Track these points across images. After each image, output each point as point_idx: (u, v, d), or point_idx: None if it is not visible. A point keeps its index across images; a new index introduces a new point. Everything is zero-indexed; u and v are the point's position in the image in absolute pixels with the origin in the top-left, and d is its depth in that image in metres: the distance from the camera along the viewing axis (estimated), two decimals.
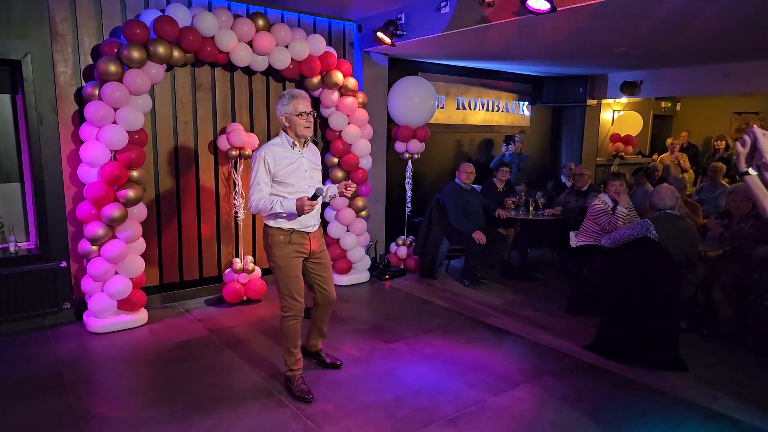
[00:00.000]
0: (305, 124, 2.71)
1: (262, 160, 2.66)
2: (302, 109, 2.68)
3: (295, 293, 2.76)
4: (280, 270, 2.75)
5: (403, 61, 5.61)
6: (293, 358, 2.86)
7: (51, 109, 3.66)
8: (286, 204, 2.64)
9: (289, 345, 2.84)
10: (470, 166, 5.12)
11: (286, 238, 2.73)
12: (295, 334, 2.82)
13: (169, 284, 4.34)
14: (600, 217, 4.11)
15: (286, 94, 2.71)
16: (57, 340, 3.54)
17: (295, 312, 2.78)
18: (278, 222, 2.74)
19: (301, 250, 2.79)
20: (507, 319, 4.08)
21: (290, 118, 2.69)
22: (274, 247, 2.73)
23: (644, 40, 4.44)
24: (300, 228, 2.76)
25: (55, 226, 3.78)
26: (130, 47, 3.48)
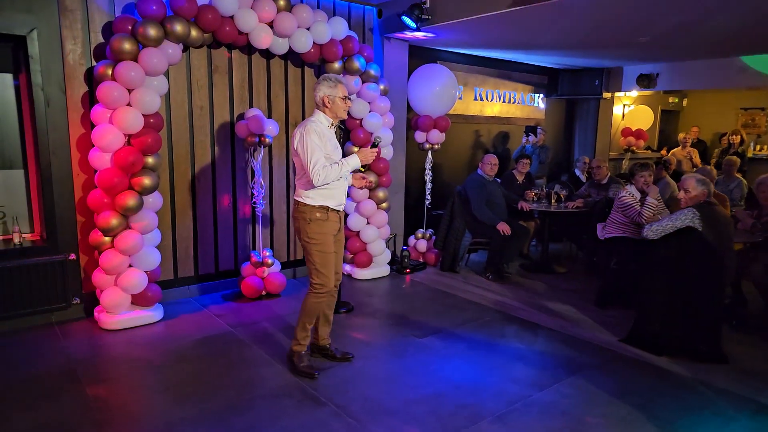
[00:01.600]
0: (346, 108, 2.82)
1: (313, 133, 2.69)
2: (347, 93, 2.80)
3: (329, 270, 2.81)
4: (318, 246, 2.77)
5: (422, 48, 5.44)
6: (305, 333, 2.88)
7: (59, 89, 3.42)
8: (350, 162, 2.73)
9: (307, 321, 2.86)
10: (494, 157, 4.96)
11: (323, 215, 2.76)
12: (318, 312, 2.87)
13: (183, 278, 4.11)
14: (629, 209, 3.97)
15: (332, 78, 2.79)
16: (67, 337, 3.30)
17: (327, 289, 2.82)
18: (315, 199, 2.76)
19: (335, 228, 2.83)
20: (537, 312, 3.93)
21: (334, 100, 2.76)
22: (312, 224, 2.76)
23: (671, 30, 4.32)
24: (334, 206, 2.80)
25: (63, 216, 3.55)
26: (146, 24, 3.26)
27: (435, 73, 4.98)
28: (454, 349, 3.21)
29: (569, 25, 4.16)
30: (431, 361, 3.03)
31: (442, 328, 3.52)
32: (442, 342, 3.30)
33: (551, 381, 2.83)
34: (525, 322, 3.72)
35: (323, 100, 2.76)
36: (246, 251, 4.37)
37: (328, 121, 2.81)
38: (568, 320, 3.76)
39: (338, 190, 2.81)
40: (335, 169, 2.68)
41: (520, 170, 5.51)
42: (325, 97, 2.75)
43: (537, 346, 3.30)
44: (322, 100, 2.76)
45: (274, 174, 4.46)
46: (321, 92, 2.76)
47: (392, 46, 4.96)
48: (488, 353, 3.16)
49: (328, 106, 2.77)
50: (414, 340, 3.32)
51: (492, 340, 3.35)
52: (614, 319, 3.78)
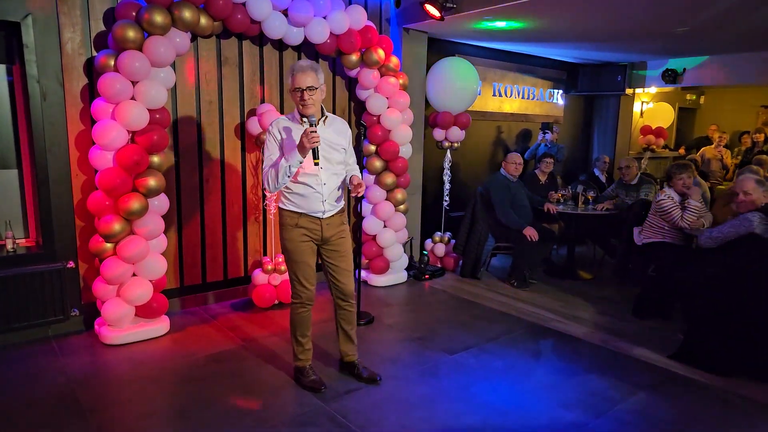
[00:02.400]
0: (299, 102, 2.42)
1: (269, 133, 2.53)
2: (296, 85, 2.39)
3: (303, 279, 2.60)
4: (287, 253, 2.60)
5: (441, 41, 5.15)
6: (300, 347, 2.70)
7: (56, 81, 3.12)
8: (289, 159, 2.38)
9: (297, 334, 2.68)
10: (518, 156, 4.68)
11: (293, 220, 2.57)
12: (303, 323, 2.66)
13: (190, 287, 3.83)
14: (669, 214, 3.70)
15: (289, 67, 2.44)
16: (66, 354, 3.02)
17: (303, 299, 2.62)
18: (286, 204, 2.59)
19: (311, 236, 2.58)
20: (572, 324, 3.65)
21: (291, 94, 2.45)
22: (283, 230, 2.60)
23: (712, 21, 4.04)
24: (308, 212, 2.55)
25: (60, 220, 3.25)
26: (152, 9, 2.97)
27: (455, 66, 4.69)
28: (491, 367, 2.93)
29: (606, 11, 3.85)
30: (468, 382, 2.76)
31: (474, 343, 3.25)
32: (476, 359, 3.03)
33: (606, 406, 2.55)
34: (561, 335, 3.45)
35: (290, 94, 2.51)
36: (256, 257, 4.09)
37: (298, 116, 2.47)
38: (607, 332, 3.49)
39: (309, 198, 2.50)
40: (272, 172, 2.42)
41: (543, 170, 5.23)
42: (290, 92, 2.47)
43: (580, 363, 3.02)
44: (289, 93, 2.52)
45: None
46: None
47: (410, 37, 4.67)
48: (529, 373, 2.88)
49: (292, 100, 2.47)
50: (445, 357, 3.04)
51: (530, 357, 3.08)
52: (656, 331, 3.51)
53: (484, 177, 5.86)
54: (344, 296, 2.71)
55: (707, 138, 8.10)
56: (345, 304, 2.73)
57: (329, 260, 2.65)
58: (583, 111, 7.18)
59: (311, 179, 2.48)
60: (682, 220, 3.62)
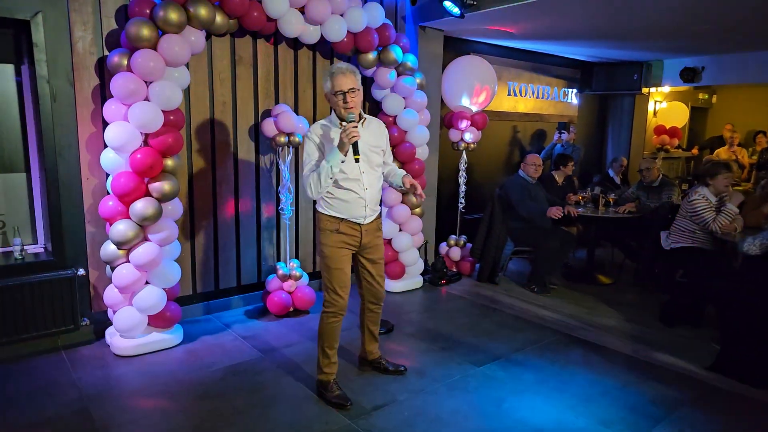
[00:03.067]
0: (342, 106, 2.38)
1: (308, 141, 2.45)
2: (338, 88, 2.36)
3: (338, 287, 2.50)
4: (325, 259, 2.51)
5: (456, 39, 5.01)
6: (327, 360, 2.58)
7: (67, 82, 3.00)
8: (331, 158, 2.32)
9: (325, 345, 2.56)
10: (537, 157, 4.55)
11: (333, 225, 2.49)
12: (333, 333, 2.55)
13: (203, 293, 3.70)
14: (703, 215, 3.54)
15: (327, 72, 2.42)
16: (76, 366, 2.89)
17: (336, 309, 2.52)
18: (326, 209, 2.51)
19: (350, 242, 2.52)
20: (599, 332, 3.53)
21: (330, 97, 2.43)
22: (321, 234, 2.52)
23: (734, 20, 3.91)
24: (349, 218, 2.49)
25: (70, 226, 3.13)
26: (167, 7, 2.84)
27: (472, 65, 4.57)
28: (522, 380, 2.81)
29: (630, 9, 3.72)
30: (500, 396, 2.63)
31: (501, 353, 3.12)
32: (505, 371, 2.90)
33: (649, 424, 2.42)
34: (590, 344, 3.32)
35: (327, 98, 2.46)
36: (270, 262, 3.96)
37: (337, 119, 2.44)
38: (637, 341, 3.36)
39: (352, 204, 2.46)
40: (313, 177, 2.36)
41: (564, 171, 5.10)
42: (325, 94, 2.45)
43: (615, 376, 2.89)
44: (326, 97, 2.46)
45: (300, 176, 4.04)
46: (325, 89, 2.44)
47: (426, 36, 4.55)
48: (563, 387, 2.76)
49: (331, 105, 2.45)
50: (472, 369, 2.92)
51: (561, 369, 2.95)
52: (688, 340, 3.39)
53: (499, 178, 5.74)
54: (377, 300, 2.72)
55: (721, 138, 7.97)
56: (375, 307, 2.74)
57: (365, 267, 2.62)
58: (597, 110, 7.04)
59: (354, 184, 2.44)
60: (714, 223, 3.48)
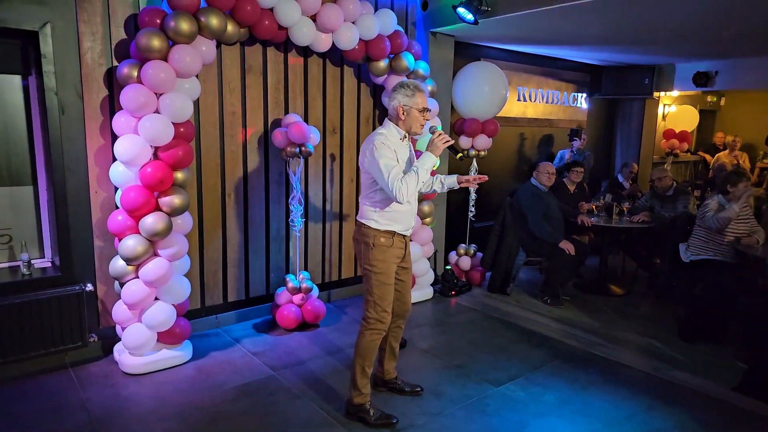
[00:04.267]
0: (423, 122, 2.46)
1: (382, 146, 2.34)
2: (424, 105, 2.43)
3: (387, 304, 2.48)
4: (378, 276, 2.45)
5: (466, 44, 4.93)
6: (366, 380, 2.53)
7: (75, 94, 2.92)
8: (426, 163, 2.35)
9: (365, 364, 2.51)
10: (551, 165, 4.48)
11: (388, 240, 2.45)
12: (375, 352, 2.53)
13: (211, 307, 3.64)
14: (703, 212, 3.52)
15: (411, 85, 2.44)
16: (84, 385, 2.83)
17: (384, 325, 2.50)
18: (380, 223, 2.44)
19: (399, 255, 2.53)
20: (617, 348, 3.45)
21: (410, 111, 2.42)
22: (376, 251, 2.44)
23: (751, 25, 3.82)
24: (401, 230, 2.49)
25: (78, 240, 3.06)
26: (178, 17, 2.76)
27: (483, 71, 4.49)
28: (543, 402, 2.74)
29: (649, 14, 3.61)
30: (521, 420, 2.56)
31: (518, 373, 3.05)
32: (524, 392, 2.83)
33: None
34: (609, 362, 3.24)
35: (398, 111, 2.43)
36: (279, 274, 3.89)
37: (401, 133, 2.46)
38: (656, 358, 3.29)
39: (406, 214, 2.50)
40: (412, 177, 2.32)
41: (572, 179, 5.03)
42: (401, 107, 2.42)
43: (638, 398, 2.81)
44: (397, 110, 2.43)
45: (310, 187, 3.98)
46: (396, 101, 2.44)
47: (437, 41, 4.47)
48: (587, 409, 2.68)
49: (402, 118, 2.44)
50: (491, 390, 2.85)
51: (582, 390, 2.88)
52: (710, 358, 3.32)
53: (509, 185, 5.66)
54: (407, 312, 2.70)
55: (714, 146, 7.91)
56: (402, 321, 2.72)
57: (399, 278, 2.58)
58: (606, 115, 6.96)
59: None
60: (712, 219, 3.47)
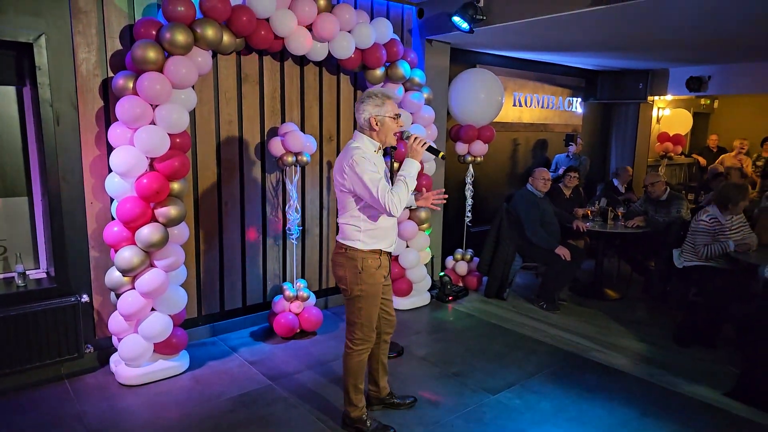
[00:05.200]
0: (396, 129, 2.37)
1: (362, 160, 2.23)
2: (397, 111, 2.36)
3: (373, 323, 2.45)
4: (368, 299, 2.38)
5: (461, 51, 4.96)
6: (360, 395, 2.53)
7: (70, 105, 2.92)
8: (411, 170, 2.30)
9: (357, 382, 2.51)
10: (546, 171, 4.50)
11: (376, 262, 2.37)
12: (364, 368, 2.52)
13: (208, 315, 3.64)
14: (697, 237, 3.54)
15: (378, 94, 2.33)
16: (81, 397, 2.82)
17: (370, 344, 2.48)
18: (367, 243, 2.35)
19: (385, 274, 2.46)
20: (612, 353, 3.48)
21: (383, 121, 2.31)
22: (365, 274, 2.35)
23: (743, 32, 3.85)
24: (386, 247, 2.42)
25: (74, 251, 3.06)
26: (174, 29, 2.77)
27: (479, 78, 4.51)
28: (539, 410, 2.75)
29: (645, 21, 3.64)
30: (520, 428, 2.57)
31: (515, 380, 3.06)
32: (521, 399, 2.85)
33: None
34: (605, 368, 3.26)
35: (370, 122, 2.30)
36: (275, 281, 3.90)
37: (375, 145, 2.34)
38: (651, 364, 3.31)
39: (390, 230, 2.43)
40: (402, 188, 2.25)
41: (567, 184, 5.06)
42: (373, 118, 2.29)
43: (634, 404, 2.83)
44: (369, 122, 2.30)
45: (307, 195, 3.98)
46: (366, 113, 2.30)
47: (433, 49, 4.49)
48: (582, 417, 2.70)
49: (377, 129, 2.31)
50: (486, 398, 2.86)
51: (578, 397, 2.90)
52: (704, 363, 3.34)
53: (504, 190, 5.69)
54: (392, 327, 2.65)
55: (708, 148, 7.97)
56: (389, 336, 2.67)
57: (384, 297, 2.52)
58: (602, 119, 7.01)
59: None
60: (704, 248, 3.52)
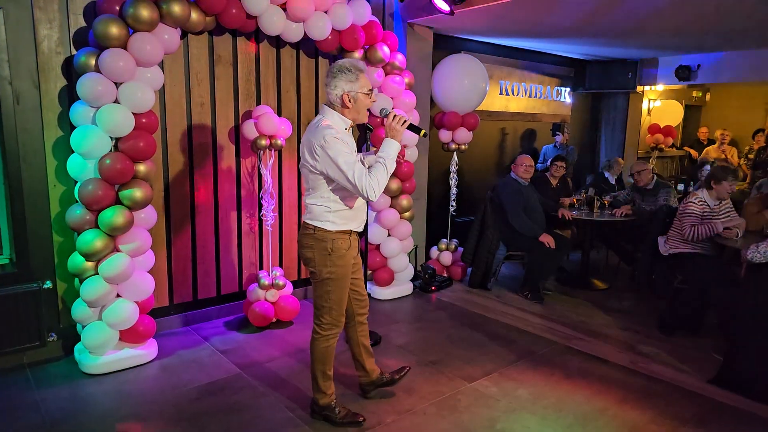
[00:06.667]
0: (370, 105, 2.28)
1: (335, 140, 2.11)
2: (371, 86, 2.25)
3: (342, 306, 2.35)
4: (336, 281, 2.29)
5: (445, 37, 4.86)
6: (329, 382, 2.43)
7: (31, 83, 2.81)
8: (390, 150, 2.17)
9: (326, 368, 2.40)
10: (528, 158, 4.41)
11: (345, 243, 2.29)
12: (332, 354, 2.41)
13: (180, 304, 3.53)
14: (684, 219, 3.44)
15: (351, 68, 2.18)
16: (42, 387, 2.71)
17: (339, 329, 2.38)
18: (337, 223, 2.25)
19: (354, 254, 2.37)
20: (595, 342, 3.40)
21: (357, 97, 2.20)
22: (334, 256, 2.25)
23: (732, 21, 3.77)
24: (356, 228, 2.34)
25: (36, 236, 2.95)
26: (137, 3, 2.66)
27: (463, 64, 4.42)
28: (516, 398, 2.67)
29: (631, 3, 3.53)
30: (492, 416, 2.48)
31: (493, 368, 2.97)
32: (498, 387, 2.76)
33: None
34: (587, 356, 3.18)
35: (342, 99, 2.18)
36: (251, 270, 3.80)
37: (346, 122, 2.23)
38: (635, 353, 3.23)
39: (361, 210, 2.35)
40: (381, 171, 2.12)
41: (553, 173, 4.97)
42: (346, 94, 2.18)
43: (614, 391, 2.75)
44: (341, 98, 2.19)
45: (284, 180, 3.88)
46: (338, 89, 2.18)
47: (415, 33, 4.39)
48: (560, 404, 2.61)
49: (350, 106, 2.20)
50: (463, 386, 2.77)
51: (558, 385, 2.81)
52: (688, 350, 3.27)
53: (490, 180, 5.60)
54: (365, 307, 2.54)
55: (698, 141, 7.92)
56: (364, 318, 2.56)
57: (354, 277, 2.41)
58: (591, 109, 6.93)
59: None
60: (691, 229, 3.39)
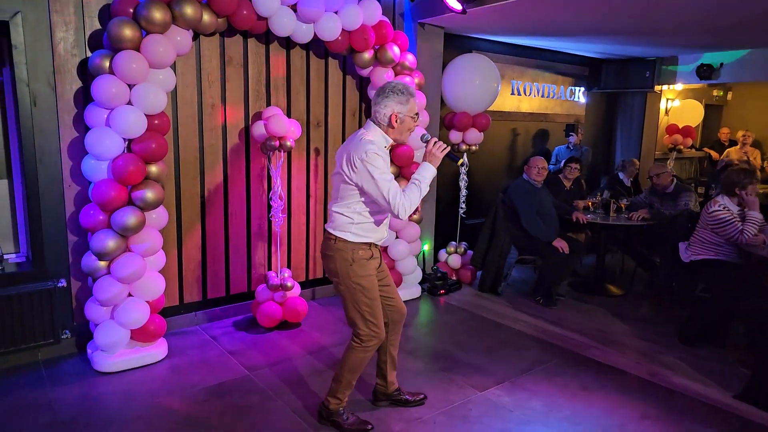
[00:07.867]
0: (413, 129, 2.33)
1: (379, 157, 2.16)
2: (417, 110, 2.30)
3: (380, 319, 2.35)
4: (364, 292, 2.30)
5: (456, 37, 4.81)
6: (350, 391, 2.44)
7: (47, 85, 2.85)
8: (426, 175, 2.23)
9: (353, 378, 2.41)
10: (541, 160, 4.34)
11: (366, 253, 2.31)
12: (364, 367, 2.41)
13: (189, 304, 3.56)
14: (727, 227, 3.28)
15: (404, 91, 2.23)
16: (55, 384, 2.75)
17: (378, 341, 2.36)
18: (359, 235, 2.29)
19: (377, 265, 2.40)
20: (612, 351, 3.31)
21: (404, 119, 2.25)
22: (356, 266, 2.29)
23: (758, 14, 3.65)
24: (377, 240, 2.37)
25: (51, 235, 2.99)
26: (151, 6, 2.68)
27: (474, 63, 4.38)
28: (529, 408, 2.62)
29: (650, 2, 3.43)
30: (505, 428, 2.44)
31: (505, 376, 2.93)
32: (510, 397, 2.71)
33: None
34: (603, 366, 3.11)
35: (390, 119, 2.22)
36: (260, 270, 3.81)
37: (387, 141, 2.27)
38: (655, 363, 3.14)
39: (383, 224, 2.38)
40: (414, 192, 2.19)
41: (568, 176, 4.89)
42: (394, 114, 2.22)
43: (634, 405, 2.66)
44: (389, 118, 2.23)
45: (293, 182, 3.88)
46: (388, 108, 2.22)
47: (426, 33, 4.35)
48: (576, 418, 2.55)
49: (395, 126, 2.24)
50: (475, 395, 2.73)
51: (572, 397, 2.74)
52: (711, 363, 3.16)
53: (501, 182, 5.53)
54: (402, 316, 2.54)
55: (719, 142, 7.71)
56: (398, 327, 2.56)
57: (383, 284, 2.43)
58: (606, 110, 6.80)
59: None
60: (741, 234, 3.22)
